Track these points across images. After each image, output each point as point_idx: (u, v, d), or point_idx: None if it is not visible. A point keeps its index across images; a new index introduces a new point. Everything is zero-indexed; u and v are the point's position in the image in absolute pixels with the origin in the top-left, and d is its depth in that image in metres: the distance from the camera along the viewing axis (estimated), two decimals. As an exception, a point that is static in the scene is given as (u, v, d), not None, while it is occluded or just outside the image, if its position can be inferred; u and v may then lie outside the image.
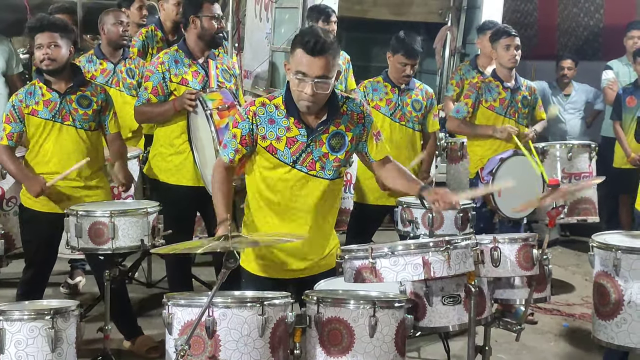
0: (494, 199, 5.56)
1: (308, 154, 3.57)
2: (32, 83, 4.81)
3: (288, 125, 3.54)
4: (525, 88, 5.95)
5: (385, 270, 3.37)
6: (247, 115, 3.57)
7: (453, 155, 6.94)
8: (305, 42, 3.39)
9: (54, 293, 5.88)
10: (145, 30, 6.72)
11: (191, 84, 4.93)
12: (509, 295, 4.07)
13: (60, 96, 4.71)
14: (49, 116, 4.68)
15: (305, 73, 3.40)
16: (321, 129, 3.55)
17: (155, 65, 4.99)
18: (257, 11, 9.09)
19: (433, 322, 3.53)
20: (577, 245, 7.61)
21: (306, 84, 3.41)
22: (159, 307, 5.48)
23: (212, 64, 5.04)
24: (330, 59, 3.41)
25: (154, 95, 4.95)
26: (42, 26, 4.61)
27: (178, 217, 5.01)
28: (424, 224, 5.03)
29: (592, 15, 10.40)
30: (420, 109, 5.61)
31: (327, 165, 3.60)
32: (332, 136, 3.58)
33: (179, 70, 4.95)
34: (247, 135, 3.56)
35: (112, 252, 4.50)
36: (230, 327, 3.20)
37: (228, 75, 5.12)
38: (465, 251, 3.42)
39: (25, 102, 4.68)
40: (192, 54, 5.01)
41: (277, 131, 3.55)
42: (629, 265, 3.77)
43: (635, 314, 3.78)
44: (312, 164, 3.58)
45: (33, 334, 3.35)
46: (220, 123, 4.53)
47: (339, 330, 3.31)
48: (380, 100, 5.57)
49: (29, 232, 4.89)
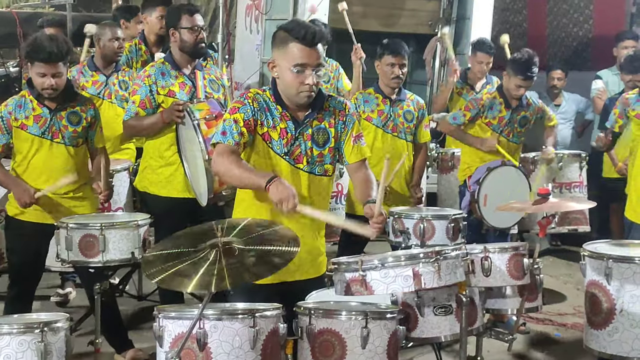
0: (479, 208, 5.58)
1: (296, 147, 3.58)
2: (22, 94, 4.74)
3: (280, 116, 3.56)
4: (527, 106, 5.98)
5: (375, 282, 3.36)
6: (247, 100, 3.55)
7: (444, 166, 6.95)
8: (301, 35, 3.44)
9: (43, 306, 5.84)
10: (128, 44, 6.71)
11: (178, 95, 4.92)
12: (500, 305, 4.08)
13: (50, 112, 4.67)
14: (38, 132, 4.65)
15: (306, 63, 3.45)
16: (307, 122, 3.59)
17: (142, 79, 4.98)
18: (247, 23, 9.10)
19: (425, 333, 3.54)
20: (569, 254, 7.61)
21: (307, 75, 3.46)
22: (150, 320, 5.44)
23: (200, 75, 5.03)
24: (321, 47, 3.51)
25: (141, 108, 4.94)
26: (50, 57, 4.48)
27: (169, 229, 4.97)
28: (416, 235, 5.02)
29: (581, 26, 10.44)
30: (412, 120, 5.62)
31: (311, 160, 3.61)
32: (315, 131, 3.61)
33: (165, 82, 4.94)
34: (250, 120, 3.52)
35: (103, 265, 4.49)
36: (222, 339, 3.19)
37: (216, 86, 5.11)
38: (455, 261, 3.42)
39: (14, 114, 4.64)
40: (178, 66, 5.00)
41: (273, 120, 3.56)
42: (621, 274, 3.78)
43: (627, 323, 3.78)
44: (300, 157, 3.59)
45: (22, 348, 3.32)
46: (208, 133, 4.52)
47: (331, 341, 3.31)
48: (372, 111, 5.57)
49: (13, 242, 4.86)
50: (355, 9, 8.75)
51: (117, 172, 5.61)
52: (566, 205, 4.22)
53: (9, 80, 9.39)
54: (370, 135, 5.52)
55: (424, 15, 8.91)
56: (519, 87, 5.81)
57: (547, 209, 4.01)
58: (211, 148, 3.77)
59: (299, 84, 3.48)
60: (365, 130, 5.51)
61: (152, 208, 5.09)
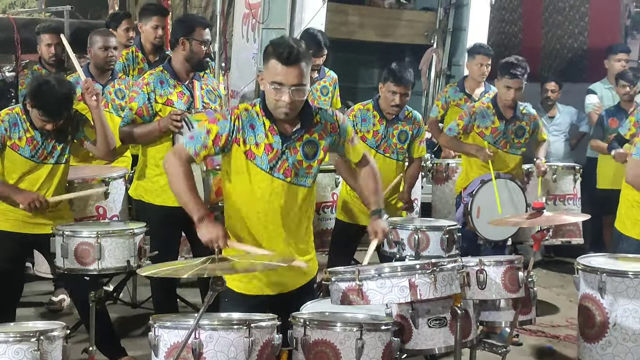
0: (472, 221, 5.60)
1: (284, 161, 3.62)
2: (16, 111, 4.75)
3: (265, 132, 3.60)
4: (523, 116, 5.99)
5: (371, 292, 3.38)
6: (231, 117, 3.60)
7: (439, 177, 6.96)
8: (279, 53, 3.48)
9: (36, 314, 5.84)
10: (125, 52, 6.69)
11: (176, 104, 4.93)
12: (494, 318, 4.09)
13: (42, 136, 4.71)
14: (28, 155, 4.70)
15: (281, 82, 3.49)
16: (295, 137, 3.63)
17: (140, 86, 4.98)
18: (244, 31, 9.12)
19: (419, 345, 3.56)
20: (562, 266, 7.63)
21: (283, 93, 3.49)
22: (144, 328, 5.47)
23: (197, 85, 5.04)
24: (304, 66, 3.52)
25: (139, 116, 4.94)
26: (55, 115, 4.58)
27: (164, 238, 5.00)
28: (410, 246, 5.03)
29: (576, 38, 10.49)
30: (405, 140, 5.60)
31: (300, 172, 3.66)
32: (305, 144, 3.66)
33: (164, 91, 4.94)
34: (224, 136, 3.58)
35: (98, 273, 4.49)
36: (217, 349, 3.21)
37: (213, 96, 5.12)
38: (451, 273, 3.44)
39: (9, 132, 4.67)
40: (177, 75, 5.00)
41: (257, 137, 3.61)
42: (614, 288, 3.80)
43: (620, 337, 3.81)
44: (288, 170, 3.64)
45: (18, 356, 3.32)
46: None
47: (326, 352, 3.33)
48: (368, 132, 5.54)
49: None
50: (352, 19, 8.80)
51: (113, 180, 5.59)
52: (560, 218, 4.24)
53: (5, 85, 9.39)
54: None
55: (420, 26, 8.94)
56: (507, 88, 5.79)
57: (542, 223, 4.03)
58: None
59: (276, 100, 3.52)
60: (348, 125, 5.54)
61: (147, 216, 5.08)
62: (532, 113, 6.10)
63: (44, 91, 4.55)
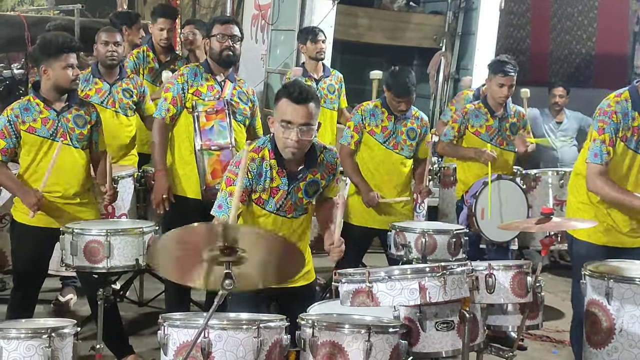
0: (477, 222, 5.62)
1: (288, 200, 3.89)
2: (26, 99, 4.76)
3: (272, 176, 3.84)
4: (514, 114, 6.03)
5: (381, 294, 3.40)
6: (245, 172, 3.74)
7: (446, 180, 6.98)
8: (289, 92, 3.69)
9: (45, 310, 5.86)
10: (136, 51, 6.72)
11: (204, 95, 5.01)
12: (501, 322, 4.10)
13: (57, 114, 4.71)
14: (47, 134, 4.68)
15: (290, 121, 3.67)
16: (300, 177, 3.87)
17: (176, 77, 5.13)
18: (252, 32, 9.15)
19: (426, 348, 3.56)
20: (567, 271, 7.61)
21: (291, 131, 3.68)
22: (151, 326, 5.47)
23: (230, 85, 5.12)
24: (313, 107, 3.71)
25: (172, 105, 5.04)
26: (67, 47, 4.64)
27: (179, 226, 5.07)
28: (417, 249, 5.04)
29: (584, 43, 10.51)
30: (414, 138, 5.63)
31: (299, 208, 3.94)
32: (308, 184, 3.90)
33: (195, 82, 5.06)
34: (244, 192, 3.79)
35: (107, 271, 4.52)
36: (226, 349, 3.22)
37: (245, 98, 5.19)
38: (461, 277, 3.46)
39: (21, 117, 4.65)
40: (212, 71, 5.12)
41: (264, 183, 3.85)
42: (621, 294, 3.79)
43: (626, 343, 3.79)
44: (290, 209, 3.91)
45: (30, 353, 3.34)
46: (206, 125, 4.69)
47: (334, 354, 3.34)
48: (376, 126, 5.59)
49: (18, 246, 4.87)
50: (361, 21, 8.82)
51: (122, 179, 5.62)
52: (569, 224, 4.23)
53: (14, 82, 9.42)
54: (372, 150, 5.58)
55: (429, 30, 8.97)
56: (501, 86, 5.86)
57: (550, 229, 4.04)
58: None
59: (285, 139, 3.71)
60: (368, 145, 5.58)
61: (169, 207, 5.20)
62: (522, 111, 6.14)
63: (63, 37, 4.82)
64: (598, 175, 4.27)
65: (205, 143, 4.72)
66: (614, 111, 4.25)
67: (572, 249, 4.61)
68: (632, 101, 4.27)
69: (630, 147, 4.31)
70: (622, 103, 4.27)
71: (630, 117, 4.27)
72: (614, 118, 4.25)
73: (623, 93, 4.32)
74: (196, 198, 5.01)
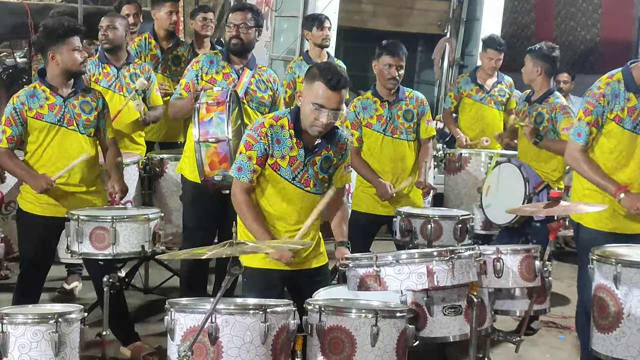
0: (481, 198, 5.72)
1: (304, 172, 3.97)
2: (32, 86, 4.76)
3: (291, 145, 3.93)
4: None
5: (389, 278, 3.40)
6: (260, 137, 3.89)
7: (451, 167, 6.93)
8: (328, 79, 3.76)
9: (50, 298, 5.86)
10: (138, 38, 6.70)
11: (219, 83, 5.06)
12: (509, 307, 4.09)
13: (64, 100, 4.70)
14: (54, 120, 4.67)
15: (323, 105, 3.78)
16: (316, 151, 3.97)
17: (192, 64, 5.21)
18: (256, 19, 9.10)
19: (434, 332, 3.57)
20: (573, 257, 7.61)
21: (323, 114, 3.78)
22: (156, 313, 5.48)
23: (248, 73, 5.14)
24: (344, 93, 3.85)
25: (185, 90, 5.10)
26: (73, 30, 4.65)
27: (195, 215, 5.19)
28: (423, 235, 5.03)
29: (589, 29, 10.48)
30: (412, 119, 5.57)
31: (317, 183, 4.01)
32: (323, 159, 4.01)
33: (210, 70, 5.12)
34: (262, 156, 3.92)
35: (113, 258, 4.51)
36: (233, 333, 3.23)
37: (264, 87, 5.19)
38: (469, 261, 3.45)
39: (27, 104, 4.64)
40: (230, 59, 5.16)
41: (282, 150, 3.93)
42: (629, 278, 3.78)
43: (634, 327, 3.78)
44: (307, 181, 3.98)
45: (37, 338, 3.35)
46: (205, 117, 4.68)
47: (341, 339, 3.34)
48: (371, 117, 5.52)
49: (25, 234, 4.86)
50: (365, 7, 8.79)
51: (127, 166, 5.59)
52: (577, 208, 4.21)
53: (17, 70, 9.40)
54: (372, 140, 5.51)
55: (434, 16, 8.94)
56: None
57: (559, 212, 4.02)
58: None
59: (314, 119, 3.82)
60: (367, 136, 5.51)
61: (184, 189, 5.32)
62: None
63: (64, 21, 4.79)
64: (578, 151, 4.34)
65: (203, 134, 4.70)
66: (602, 94, 4.25)
67: (578, 236, 4.59)
68: (624, 82, 4.26)
69: (627, 128, 4.28)
70: (612, 84, 4.26)
71: (622, 97, 4.25)
72: (600, 101, 4.25)
73: (616, 74, 4.32)
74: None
